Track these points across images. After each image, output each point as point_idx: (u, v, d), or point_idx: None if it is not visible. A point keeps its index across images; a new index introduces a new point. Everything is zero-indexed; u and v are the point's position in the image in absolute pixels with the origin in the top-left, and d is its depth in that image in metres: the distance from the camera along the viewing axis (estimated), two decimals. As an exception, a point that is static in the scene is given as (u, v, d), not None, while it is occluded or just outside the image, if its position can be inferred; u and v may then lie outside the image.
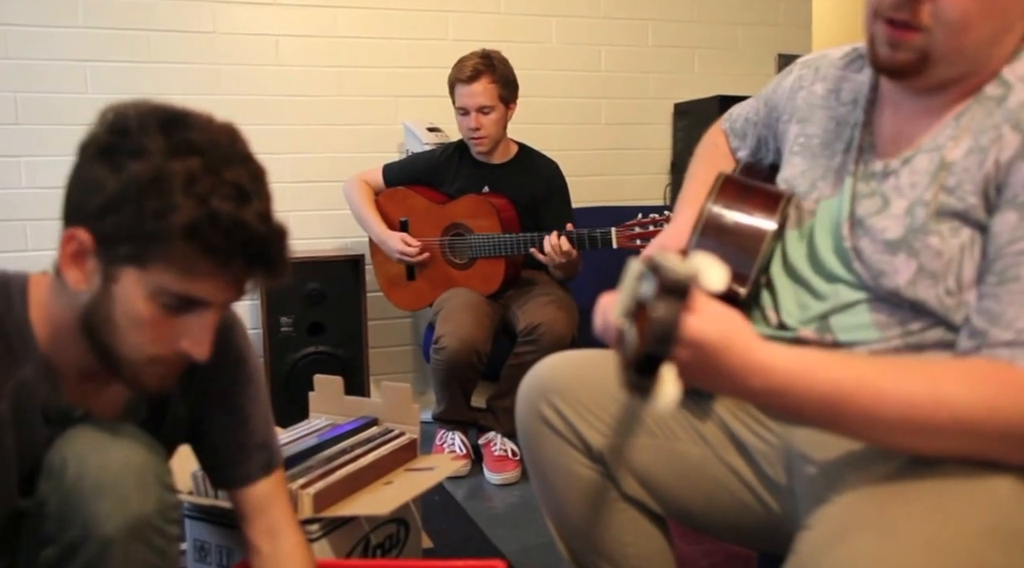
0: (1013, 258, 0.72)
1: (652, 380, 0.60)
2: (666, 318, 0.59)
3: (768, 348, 0.69)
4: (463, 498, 2.05)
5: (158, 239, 0.77)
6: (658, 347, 0.59)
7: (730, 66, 3.17)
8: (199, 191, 0.77)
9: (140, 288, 0.80)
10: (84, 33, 2.48)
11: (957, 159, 0.79)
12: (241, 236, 0.79)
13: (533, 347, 2.09)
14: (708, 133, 1.23)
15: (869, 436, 0.72)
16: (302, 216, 2.75)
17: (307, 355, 2.46)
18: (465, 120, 2.29)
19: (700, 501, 0.98)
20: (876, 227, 0.84)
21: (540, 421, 1.01)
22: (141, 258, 0.79)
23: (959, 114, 0.81)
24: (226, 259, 0.80)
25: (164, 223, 0.76)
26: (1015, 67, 0.79)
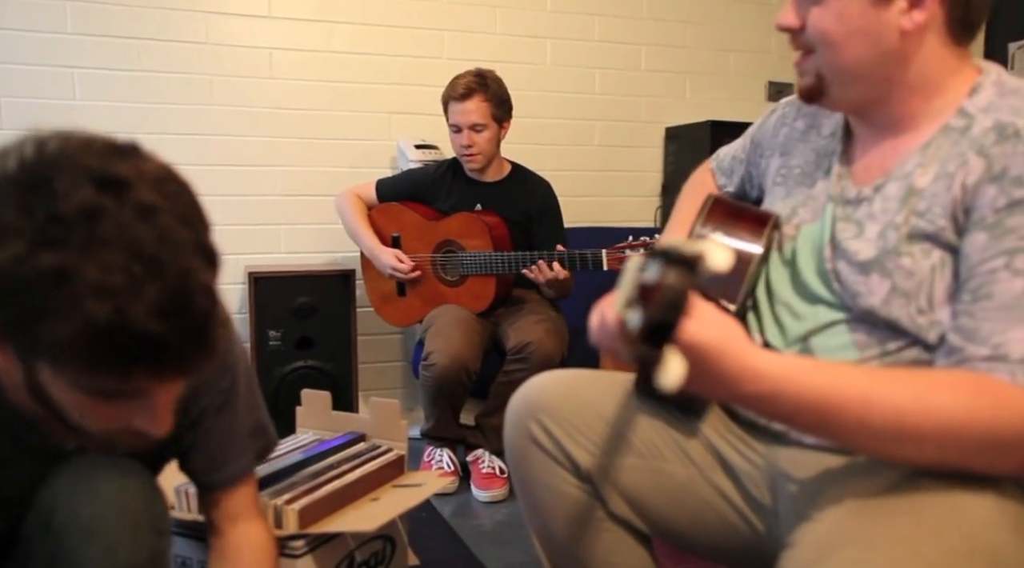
0: (985, 276, 0.75)
1: (660, 353, 0.60)
2: (677, 284, 0.60)
3: (761, 354, 0.72)
4: (450, 515, 2.04)
5: (42, 345, 0.64)
6: (668, 313, 0.60)
7: (721, 92, 3.21)
8: (72, 291, 0.61)
9: (60, 380, 0.67)
10: (73, 39, 2.48)
11: (926, 185, 0.83)
12: (129, 342, 0.62)
13: (523, 365, 2.10)
14: (696, 172, 1.27)
15: (859, 443, 0.74)
16: (293, 229, 2.75)
17: (295, 370, 2.46)
18: (458, 137, 2.31)
19: (686, 521, 0.99)
20: (851, 250, 0.87)
21: (528, 440, 1.02)
22: (40, 356, 0.66)
23: (925, 145, 0.86)
24: (123, 369, 0.64)
25: (41, 331, 0.62)
26: (976, 100, 0.84)
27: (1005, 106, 0.81)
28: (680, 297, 0.60)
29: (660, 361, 0.60)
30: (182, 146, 2.58)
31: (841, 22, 0.84)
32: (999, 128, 0.78)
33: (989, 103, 0.82)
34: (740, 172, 1.17)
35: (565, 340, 2.20)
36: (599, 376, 1.07)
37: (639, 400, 1.02)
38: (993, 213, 0.75)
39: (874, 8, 0.82)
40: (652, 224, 3.13)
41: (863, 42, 0.84)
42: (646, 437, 1.00)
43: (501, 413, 1.12)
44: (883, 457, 0.74)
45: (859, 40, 0.84)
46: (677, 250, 0.61)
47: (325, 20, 2.72)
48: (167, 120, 2.58)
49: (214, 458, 1.00)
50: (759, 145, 1.12)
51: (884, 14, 0.82)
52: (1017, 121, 0.77)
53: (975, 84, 0.85)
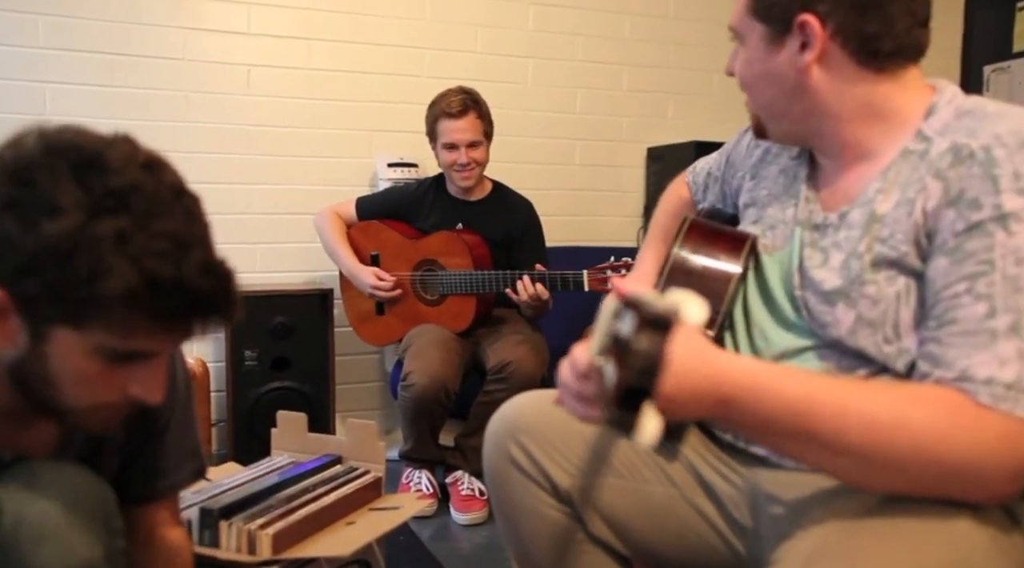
0: (949, 301, 0.75)
1: (635, 415, 0.60)
2: (650, 350, 0.59)
3: (738, 357, 0.73)
4: (429, 538, 2.02)
5: (92, 304, 0.71)
6: (642, 379, 0.59)
7: (704, 112, 3.25)
8: (132, 253, 0.70)
9: (77, 346, 0.74)
10: (44, 54, 2.46)
11: (888, 211, 0.84)
12: (184, 295, 0.74)
13: (503, 385, 2.09)
14: (672, 184, 1.28)
15: (834, 457, 0.73)
16: (271, 248, 2.73)
17: (271, 390, 2.43)
18: (453, 155, 2.31)
19: (666, 542, 0.98)
20: (816, 279, 0.88)
21: (507, 461, 1.01)
22: (75, 320, 0.73)
23: (885, 169, 0.86)
24: (171, 319, 0.75)
25: (97, 289, 0.70)
26: (932, 122, 0.85)
27: (960, 127, 0.81)
28: (654, 363, 0.60)
29: (635, 424, 0.60)
30: (158, 162, 2.56)
31: (749, 68, 0.93)
32: (955, 150, 0.79)
33: (945, 125, 0.83)
34: (715, 190, 1.18)
35: (546, 360, 2.20)
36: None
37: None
38: (953, 237, 0.76)
39: (769, 53, 0.89)
40: (634, 244, 3.14)
41: (769, 84, 0.91)
42: (627, 458, 1.00)
43: (481, 434, 1.11)
44: (854, 475, 0.74)
45: (765, 82, 0.91)
46: (651, 308, 0.61)
47: (305, 37, 2.73)
48: (141, 136, 2.50)
49: (156, 469, 1.02)
50: (733, 165, 1.14)
51: (779, 56, 0.89)
52: (972, 142, 0.78)
53: (930, 105, 0.86)
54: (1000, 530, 0.72)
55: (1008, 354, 0.70)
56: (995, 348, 0.71)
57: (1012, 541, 0.73)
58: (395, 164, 2.70)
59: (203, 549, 1.20)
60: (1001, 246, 0.73)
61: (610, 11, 3.10)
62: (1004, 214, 0.73)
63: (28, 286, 0.72)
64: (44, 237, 0.70)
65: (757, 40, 0.90)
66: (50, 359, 0.75)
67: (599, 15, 3.09)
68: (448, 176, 2.38)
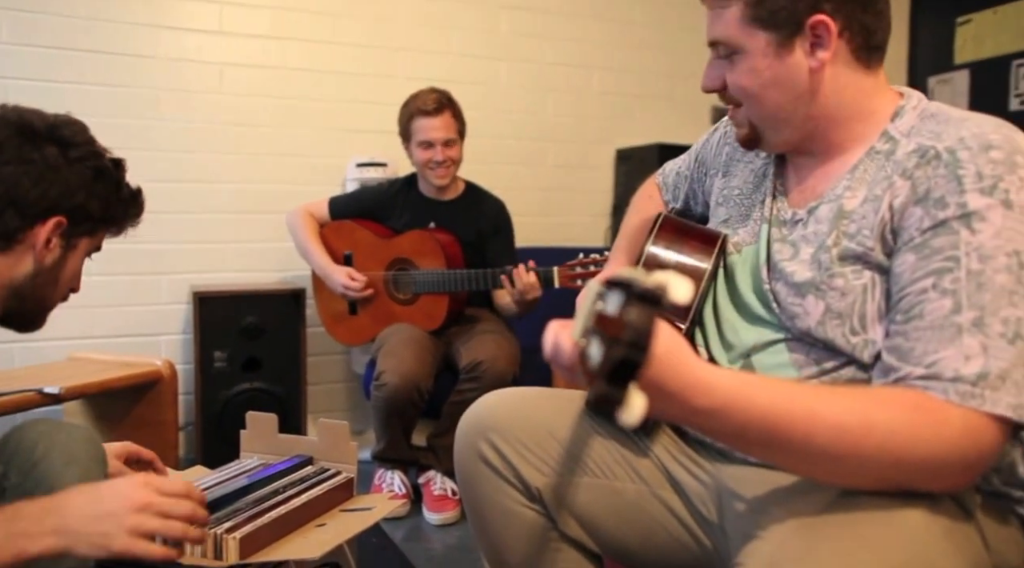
0: (915, 296, 0.76)
1: (623, 390, 0.58)
2: (641, 321, 0.57)
3: (711, 368, 0.71)
4: (401, 539, 1.98)
5: (111, 214, 1.10)
6: (633, 352, 0.57)
7: (669, 115, 3.27)
8: (122, 175, 1.13)
9: (84, 250, 1.10)
10: (7, 49, 2.37)
11: (855, 207, 0.86)
12: (142, 205, 1.19)
13: (475, 384, 2.07)
14: (643, 185, 1.29)
15: (804, 462, 0.73)
16: (242, 247, 2.68)
17: (242, 392, 2.37)
18: (429, 153, 2.28)
19: (637, 539, 0.98)
20: (787, 271, 0.89)
21: (478, 459, 1.00)
22: (95, 230, 1.10)
23: (853, 167, 0.89)
24: (130, 221, 1.16)
25: (116, 201, 1.11)
26: (898, 124, 0.88)
27: (926, 130, 0.84)
28: (645, 336, 0.58)
29: (623, 400, 0.58)
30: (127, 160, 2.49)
31: (754, 76, 0.89)
32: (921, 151, 0.81)
33: (911, 127, 0.86)
34: (684, 189, 1.19)
35: (517, 359, 2.18)
36: (550, 394, 1.05)
37: (591, 417, 1.01)
38: (920, 234, 0.78)
39: (779, 58, 0.87)
40: (602, 244, 3.14)
41: (778, 89, 0.89)
42: (597, 456, 0.99)
43: (454, 433, 1.09)
44: (826, 477, 0.74)
45: (775, 88, 0.89)
46: (640, 283, 0.59)
47: (278, 37, 2.68)
48: (112, 133, 2.46)
49: None
50: (703, 163, 1.15)
51: (790, 60, 0.87)
52: (937, 144, 0.80)
53: (897, 108, 0.89)
54: (953, 523, 0.73)
55: (973, 349, 0.71)
56: (960, 343, 0.72)
57: (965, 533, 0.74)
58: (364, 164, 2.67)
59: (167, 553, 1.15)
60: (965, 244, 0.74)
61: (580, 16, 3.10)
62: (968, 213, 0.75)
63: (82, 212, 1.05)
64: (90, 175, 1.06)
65: (763, 48, 0.87)
66: (67, 264, 1.07)
67: (569, 20, 3.09)
68: (422, 175, 2.35)
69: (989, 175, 0.75)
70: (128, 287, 2.54)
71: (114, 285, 2.52)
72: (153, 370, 2.19)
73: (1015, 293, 0.72)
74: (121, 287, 2.53)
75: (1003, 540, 0.80)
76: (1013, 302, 0.72)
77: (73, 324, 2.47)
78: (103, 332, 2.51)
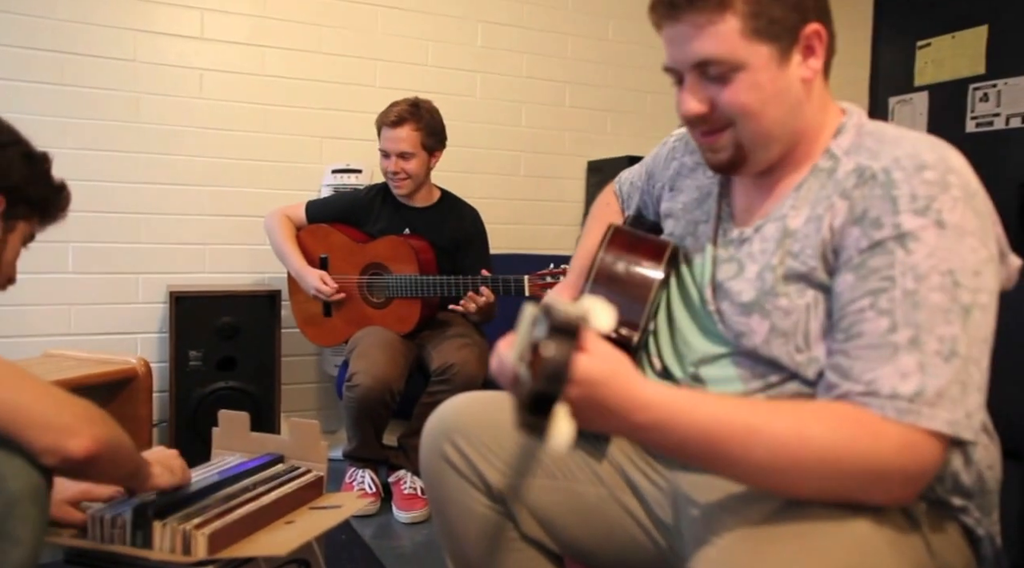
0: (854, 316, 0.76)
1: (546, 420, 0.59)
2: (556, 357, 0.58)
3: (651, 385, 0.72)
4: (371, 537, 1.97)
5: (43, 201, 1.14)
6: (549, 385, 0.58)
7: (639, 129, 3.30)
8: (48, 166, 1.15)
9: (23, 234, 1.13)
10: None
11: (799, 227, 0.85)
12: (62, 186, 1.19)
13: (446, 386, 2.07)
14: (602, 193, 1.28)
15: (744, 473, 0.74)
16: (220, 249, 2.65)
17: (216, 391, 2.35)
18: (386, 162, 2.29)
19: (596, 540, 0.98)
20: (733, 290, 0.88)
21: (442, 460, 0.99)
22: (31, 215, 1.12)
23: (798, 185, 0.87)
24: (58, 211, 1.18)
25: (47, 188, 1.14)
26: (840, 141, 0.86)
27: (863, 148, 0.83)
28: (561, 369, 0.58)
29: (546, 429, 0.59)
30: (103, 162, 2.46)
31: (756, 91, 0.83)
32: (859, 171, 0.81)
33: (850, 145, 0.85)
34: (636, 199, 1.18)
35: (488, 362, 2.17)
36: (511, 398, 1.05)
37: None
38: (858, 254, 0.77)
39: (780, 70, 0.83)
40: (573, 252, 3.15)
41: (778, 103, 0.84)
42: (558, 459, 0.99)
43: (422, 434, 1.09)
44: (769, 488, 0.74)
45: (775, 102, 0.84)
46: (559, 314, 0.59)
47: (258, 44, 2.66)
48: (88, 135, 2.46)
49: None
50: (652, 176, 1.14)
51: (787, 73, 0.84)
52: (874, 164, 0.80)
53: (840, 125, 0.88)
54: (898, 531, 0.73)
55: (909, 367, 0.71)
56: (897, 361, 0.72)
57: (910, 542, 0.74)
58: (340, 170, 2.66)
59: (134, 550, 1.14)
60: (900, 264, 0.74)
61: (554, 32, 3.12)
62: (903, 233, 0.75)
63: (19, 195, 1.08)
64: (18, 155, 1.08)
65: (765, 61, 0.82)
66: (7, 245, 1.10)
67: (543, 35, 3.10)
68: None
69: (923, 196, 0.75)
70: (105, 286, 2.50)
71: (91, 283, 2.48)
72: (128, 368, 2.15)
73: (950, 311, 0.72)
74: (98, 285, 2.49)
75: (946, 547, 0.81)
76: (948, 320, 0.72)
77: (49, 321, 2.43)
78: (79, 330, 2.47)
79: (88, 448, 0.90)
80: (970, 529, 0.84)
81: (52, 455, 0.88)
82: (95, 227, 2.46)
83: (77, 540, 1.16)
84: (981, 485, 0.83)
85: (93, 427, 0.93)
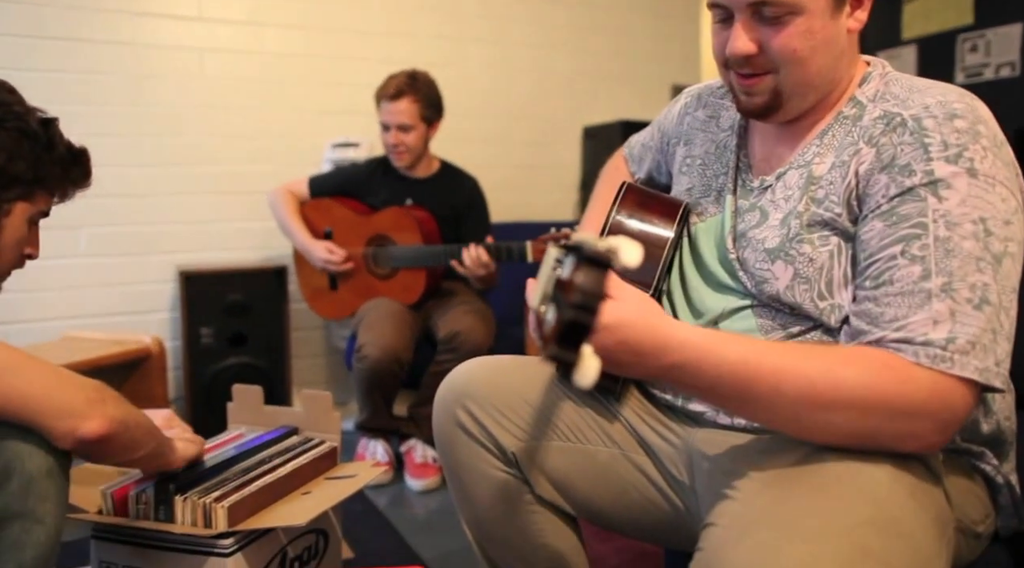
0: (885, 263, 0.74)
1: (575, 353, 0.57)
2: (589, 284, 0.56)
3: (682, 326, 0.71)
4: (385, 506, 1.98)
5: (44, 177, 1.01)
6: (581, 314, 0.56)
7: (632, 94, 3.25)
8: (54, 133, 1.02)
9: (24, 215, 1.01)
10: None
11: (823, 173, 0.83)
12: (85, 162, 1.07)
13: (453, 355, 2.05)
14: (611, 159, 1.26)
15: (773, 414, 0.72)
16: (225, 227, 2.62)
17: (228, 366, 2.34)
18: (386, 135, 2.25)
19: (610, 500, 0.96)
20: (757, 238, 0.87)
21: (455, 425, 0.98)
22: (30, 193, 1.01)
23: (821, 133, 0.86)
24: (73, 182, 1.07)
25: (48, 163, 1.01)
26: (865, 89, 0.85)
27: (891, 95, 0.81)
28: (594, 297, 0.56)
29: (575, 362, 0.57)
30: (111, 146, 2.41)
31: (808, 38, 0.80)
32: (886, 118, 0.79)
33: (876, 92, 0.83)
34: (648, 160, 1.16)
35: (493, 330, 2.16)
36: (524, 362, 1.04)
37: (562, 384, 0.99)
38: (886, 201, 0.75)
39: (833, 18, 0.81)
40: (572, 217, 3.13)
41: (826, 51, 0.82)
42: (570, 420, 0.97)
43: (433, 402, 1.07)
44: (796, 431, 0.73)
45: (823, 50, 0.81)
46: (590, 246, 0.57)
47: (257, 23, 2.60)
48: (95, 121, 2.41)
49: None
50: (665, 133, 1.11)
51: (839, 20, 0.82)
52: (903, 111, 0.78)
53: (865, 74, 0.86)
54: (918, 481, 0.72)
55: (942, 314, 0.70)
56: (929, 308, 0.70)
57: (930, 492, 0.72)
58: (339, 144, 2.62)
59: (158, 524, 1.13)
60: (933, 211, 0.73)
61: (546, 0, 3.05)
62: (935, 180, 0.73)
63: (5, 171, 0.96)
64: (7, 134, 0.96)
65: (823, 7, 0.80)
66: (4, 229, 0.99)
67: (536, 4, 3.04)
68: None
69: (954, 144, 0.74)
70: (117, 267, 2.48)
71: (104, 266, 2.46)
72: (143, 347, 2.15)
73: (981, 259, 0.71)
74: (111, 268, 2.47)
75: (965, 495, 0.80)
76: (980, 268, 0.71)
77: (65, 305, 2.41)
78: (94, 311, 2.45)
79: (101, 428, 0.89)
80: (989, 477, 0.83)
81: (67, 439, 0.88)
82: (105, 211, 2.43)
83: (103, 516, 1.16)
84: (999, 435, 0.82)
85: (105, 407, 0.91)
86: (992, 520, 0.85)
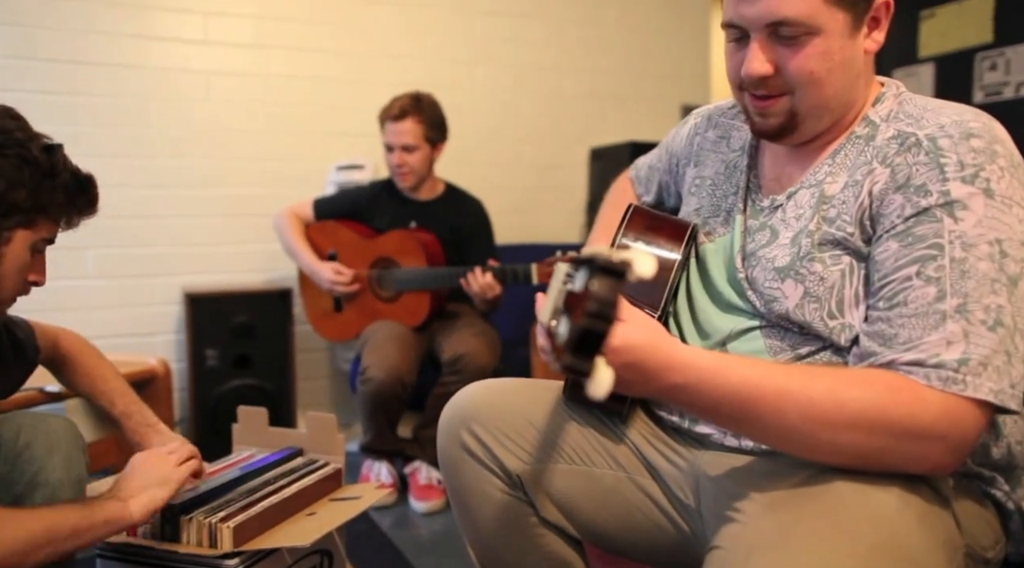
0: (899, 284, 0.74)
1: (590, 362, 0.57)
2: (604, 293, 0.56)
3: (687, 348, 0.72)
4: (389, 527, 1.98)
5: (45, 204, 0.99)
6: (597, 322, 0.56)
7: (640, 115, 3.27)
8: (58, 160, 1.00)
9: (26, 242, 1.00)
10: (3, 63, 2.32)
11: (836, 193, 0.83)
12: (91, 190, 1.06)
13: (457, 377, 2.06)
14: (617, 181, 1.26)
15: (777, 435, 0.73)
16: (231, 249, 2.64)
17: (233, 388, 2.35)
18: (390, 156, 2.28)
19: (616, 523, 0.97)
20: (767, 257, 0.87)
21: (460, 448, 0.98)
22: (31, 221, 0.99)
23: (834, 153, 0.86)
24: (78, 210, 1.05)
25: (49, 190, 0.99)
26: (878, 109, 0.85)
27: (904, 115, 0.82)
28: (609, 306, 0.57)
29: (589, 371, 0.57)
30: (118, 168, 2.45)
31: (826, 59, 0.80)
32: (900, 137, 0.79)
33: (889, 112, 0.83)
34: (656, 181, 1.16)
35: (498, 352, 2.17)
36: (529, 384, 1.04)
37: (569, 405, 1.00)
38: (901, 221, 0.75)
39: (850, 39, 0.81)
40: (578, 240, 3.14)
41: (844, 73, 0.82)
42: (575, 443, 0.98)
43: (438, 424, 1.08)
44: (802, 451, 0.73)
45: (841, 72, 0.81)
46: (604, 258, 0.58)
47: (262, 45, 2.65)
48: (102, 143, 2.45)
49: None
50: (674, 155, 1.12)
51: (856, 41, 0.82)
52: (918, 131, 0.78)
53: (879, 94, 0.86)
54: (927, 505, 0.71)
55: (955, 335, 0.70)
56: (944, 329, 0.70)
57: (938, 515, 0.72)
58: (344, 166, 2.65)
59: (164, 544, 1.14)
60: (949, 232, 0.73)
61: (553, 20, 3.09)
62: (951, 201, 0.73)
63: (4, 200, 0.95)
64: (7, 162, 0.95)
65: (840, 28, 0.79)
66: (5, 257, 0.99)
67: (543, 24, 3.07)
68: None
69: (971, 164, 0.73)
70: (123, 289, 2.50)
71: (110, 288, 2.48)
72: (148, 368, 2.16)
73: (996, 281, 0.71)
74: (117, 290, 2.49)
75: (975, 520, 0.79)
76: (995, 290, 0.70)
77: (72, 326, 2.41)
78: (100, 333, 2.47)
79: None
80: (1000, 504, 0.82)
81: None
82: (111, 233, 2.46)
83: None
84: (1010, 459, 0.82)
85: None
86: (1003, 546, 0.84)
